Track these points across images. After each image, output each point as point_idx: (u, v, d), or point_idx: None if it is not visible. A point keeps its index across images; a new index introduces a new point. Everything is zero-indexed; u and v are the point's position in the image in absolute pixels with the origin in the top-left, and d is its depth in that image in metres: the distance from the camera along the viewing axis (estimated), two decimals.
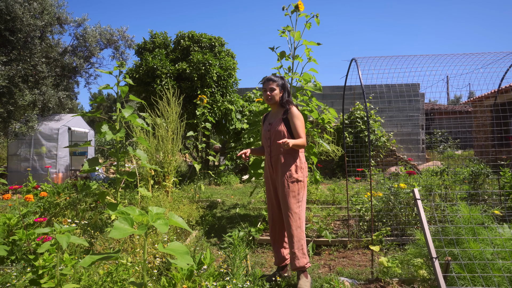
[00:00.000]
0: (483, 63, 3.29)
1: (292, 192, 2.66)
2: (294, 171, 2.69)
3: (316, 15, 4.01)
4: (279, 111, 2.84)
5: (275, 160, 2.75)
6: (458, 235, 2.44)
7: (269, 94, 2.80)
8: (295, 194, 2.67)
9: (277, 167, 2.74)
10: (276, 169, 2.76)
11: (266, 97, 2.82)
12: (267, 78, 2.85)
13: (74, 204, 3.65)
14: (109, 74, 2.81)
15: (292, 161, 2.71)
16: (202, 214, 4.70)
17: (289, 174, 2.68)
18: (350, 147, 9.31)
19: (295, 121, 2.72)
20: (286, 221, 2.65)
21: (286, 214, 2.64)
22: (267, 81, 2.83)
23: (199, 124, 5.92)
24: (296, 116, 2.74)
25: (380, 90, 5.25)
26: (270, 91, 2.80)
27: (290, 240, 2.64)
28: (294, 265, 2.63)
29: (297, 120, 2.73)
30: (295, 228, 2.62)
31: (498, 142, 6.04)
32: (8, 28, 7.27)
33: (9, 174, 8.69)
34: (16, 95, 7.47)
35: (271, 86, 2.80)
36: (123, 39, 11.36)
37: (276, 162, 2.75)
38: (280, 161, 2.72)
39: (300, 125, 2.72)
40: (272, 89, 2.80)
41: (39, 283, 1.96)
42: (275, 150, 2.76)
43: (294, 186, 2.67)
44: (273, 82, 2.81)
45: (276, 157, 2.75)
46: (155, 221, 1.55)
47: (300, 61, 4.13)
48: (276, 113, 2.86)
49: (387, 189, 3.98)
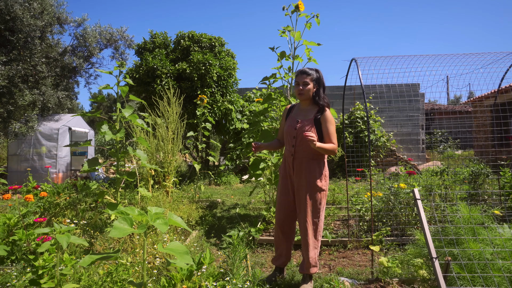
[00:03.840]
0: (483, 63, 3.29)
1: (314, 202, 2.49)
2: (318, 180, 2.50)
3: (316, 15, 4.01)
4: (310, 109, 2.58)
5: (299, 163, 2.52)
6: (458, 235, 2.44)
7: (302, 88, 2.51)
8: (317, 204, 2.50)
9: (300, 171, 2.52)
10: (298, 173, 2.54)
11: (298, 91, 2.53)
12: (301, 71, 2.57)
13: (74, 204, 3.65)
14: (109, 74, 2.81)
15: (317, 167, 2.51)
16: (202, 214, 4.70)
17: (313, 182, 2.48)
18: (350, 147, 9.31)
19: (329, 126, 2.48)
20: (304, 228, 2.50)
21: (305, 222, 2.49)
22: (300, 74, 2.54)
23: (199, 124, 5.92)
24: (330, 121, 2.50)
25: (380, 90, 5.25)
26: (303, 85, 2.51)
27: (305, 247, 2.53)
28: (303, 270, 2.57)
29: (331, 126, 2.49)
30: (311, 237, 2.50)
31: (498, 142, 6.04)
32: (8, 28, 7.27)
33: (9, 174, 8.69)
34: (16, 95, 7.47)
35: (305, 80, 2.51)
36: (123, 39, 11.35)
37: (299, 165, 2.52)
38: (304, 165, 2.50)
39: (333, 132, 2.49)
40: (306, 83, 2.51)
41: (39, 283, 1.96)
42: (301, 152, 2.51)
43: (317, 196, 2.50)
44: (307, 76, 2.52)
45: (300, 160, 2.53)
46: (155, 221, 1.55)
47: (300, 61, 4.13)
48: (307, 110, 2.59)
49: (387, 189, 3.98)
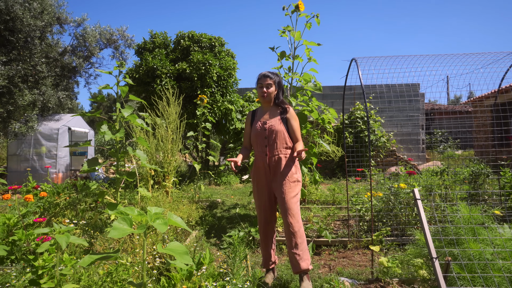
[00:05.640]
0: (483, 63, 3.29)
1: (293, 193, 2.62)
2: (294, 172, 2.67)
3: (316, 15, 4.01)
4: (273, 110, 2.77)
5: (275, 161, 2.67)
6: (458, 235, 2.44)
7: (265, 90, 2.70)
8: (296, 194, 2.63)
9: (276, 168, 2.67)
10: (274, 170, 2.68)
11: (262, 93, 2.71)
12: (264, 74, 2.74)
13: (74, 204, 3.64)
14: (109, 74, 2.81)
15: (291, 161, 2.68)
16: (202, 214, 4.70)
17: (291, 175, 2.64)
18: (350, 147, 9.31)
19: (294, 123, 2.71)
20: (287, 223, 2.55)
21: (288, 215, 2.55)
22: (263, 77, 2.72)
23: (199, 124, 5.92)
24: (295, 117, 2.74)
25: (380, 90, 5.24)
26: (267, 87, 2.70)
27: (293, 241, 2.52)
28: (298, 267, 2.51)
29: (296, 122, 2.73)
30: (297, 228, 2.54)
31: (498, 142, 6.03)
32: (8, 28, 7.27)
33: (9, 174, 8.69)
34: (16, 95, 7.47)
35: (268, 82, 2.70)
36: (123, 38, 11.36)
37: (276, 162, 2.66)
38: (280, 162, 2.65)
39: (298, 127, 2.73)
40: (269, 85, 2.70)
41: (38, 283, 1.95)
42: (274, 150, 2.66)
43: (296, 187, 2.65)
44: (270, 79, 2.71)
45: (274, 157, 2.66)
46: (154, 221, 1.55)
47: (300, 61, 4.13)
48: (270, 111, 2.77)
49: (387, 189, 3.98)
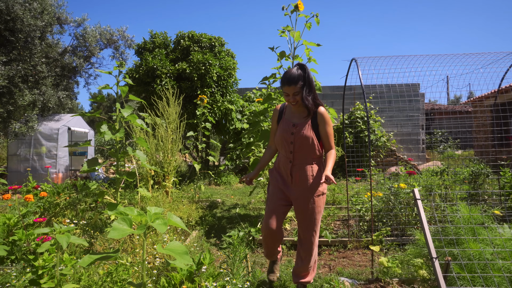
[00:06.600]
0: (483, 63, 3.29)
1: (318, 208, 2.39)
2: (320, 184, 2.38)
3: (316, 15, 4.01)
4: (303, 110, 2.41)
5: (298, 170, 2.39)
6: (458, 235, 2.44)
7: (293, 100, 2.33)
8: (320, 210, 2.41)
9: (300, 179, 2.39)
10: (297, 179, 2.40)
11: (289, 101, 2.38)
12: (287, 80, 2.30)
13: (74, 204, 3.65)
14: (108, 74, 2.81)
15: (318, 172, 2.40)
16: (202, 214, 4.70)
17: (316, 188, 2.37)
18: (350, 147, 9.31)
19: (328, 129, 2.36)
20: (307, 238, 2.41)
21: (309, 230, 2.40)
22: (288, 85, 2.29)
23: (199, 124, 5.92)
24: (329, 122, 2.37)
25: (380, 90, 5.24)
26: (294, 96, 2.31)
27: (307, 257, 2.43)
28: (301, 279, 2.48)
29: (329, 127, 2.36)
30: (315, 246, 2.44)
31: (498, 142, 6.03)
32: (8, 28, 7.27)
33: (9, 174, 8.69)
34: (16, 95, 7.47)
35: (295, 91, 2.30)
36: (123, 39, 11.36)
37: (299, 172, 2.39)
38: (305, 172, 2.37)
39: (331, 133, 2.37)
40: (296, 93, 2.31)
41: (38, 283, 1.96)
42: (300, 158, 2.38)
43: (320, 201, 2.40)
44: (295, 85, 2.28)
45: (299, 166, 2.39)
46: (154, 221, 1.55)
47: (300, 61, 4.13)
48: (300, 112, 2.43)
49: (387, 189, 3.98)
